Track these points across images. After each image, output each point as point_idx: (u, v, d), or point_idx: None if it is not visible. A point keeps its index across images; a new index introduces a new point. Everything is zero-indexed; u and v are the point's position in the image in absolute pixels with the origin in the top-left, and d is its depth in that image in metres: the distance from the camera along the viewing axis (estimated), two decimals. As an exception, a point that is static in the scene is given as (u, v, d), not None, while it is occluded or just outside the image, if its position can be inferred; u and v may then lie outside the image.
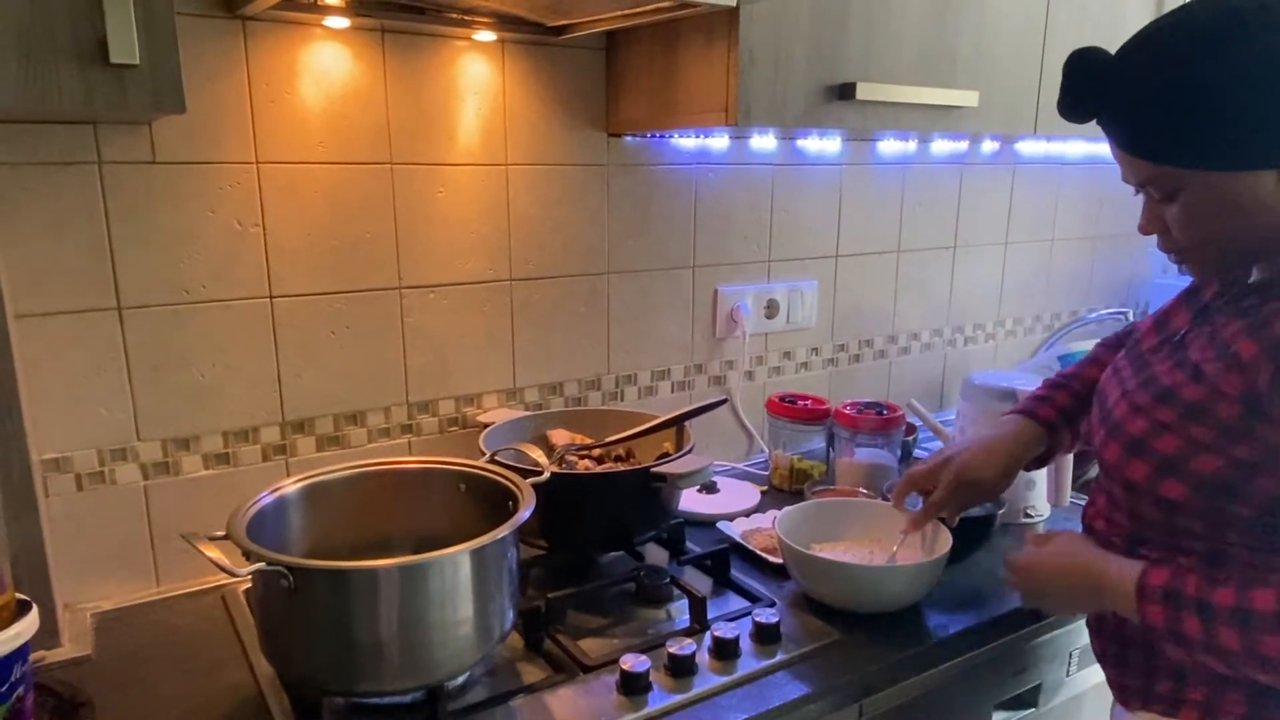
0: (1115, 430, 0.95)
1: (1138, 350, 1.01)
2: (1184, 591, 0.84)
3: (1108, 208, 2.27)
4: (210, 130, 1.14)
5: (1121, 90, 0.85)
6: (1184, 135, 0.83)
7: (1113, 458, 0.94)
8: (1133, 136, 0.87)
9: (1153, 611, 0.86)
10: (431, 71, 1.28)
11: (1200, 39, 0.81)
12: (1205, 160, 0.83)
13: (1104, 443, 0.97)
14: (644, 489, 1.17)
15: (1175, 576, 0.86)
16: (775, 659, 1.04)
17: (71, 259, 1.09)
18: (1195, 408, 0.87)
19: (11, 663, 0.82)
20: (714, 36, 1.17)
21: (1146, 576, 0.87)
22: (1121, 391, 0.97)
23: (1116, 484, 0.95)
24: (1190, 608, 0.83)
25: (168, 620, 1.14)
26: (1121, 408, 0.95)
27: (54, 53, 0.77)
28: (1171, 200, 0.87)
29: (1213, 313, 0.93)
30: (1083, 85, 0.88)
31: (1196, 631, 0.83)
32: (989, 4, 1.39)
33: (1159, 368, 0.94)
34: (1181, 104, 0.82)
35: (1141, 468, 0.91)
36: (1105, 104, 0.87)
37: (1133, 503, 0.93)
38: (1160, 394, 0.91)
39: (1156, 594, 0.86)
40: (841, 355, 1.86)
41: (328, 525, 1.08)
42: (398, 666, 0.89)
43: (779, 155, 1.65)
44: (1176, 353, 0.93)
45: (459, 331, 1.38)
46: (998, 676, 1.21)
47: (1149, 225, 0.92)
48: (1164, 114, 0.83)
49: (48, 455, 1.11)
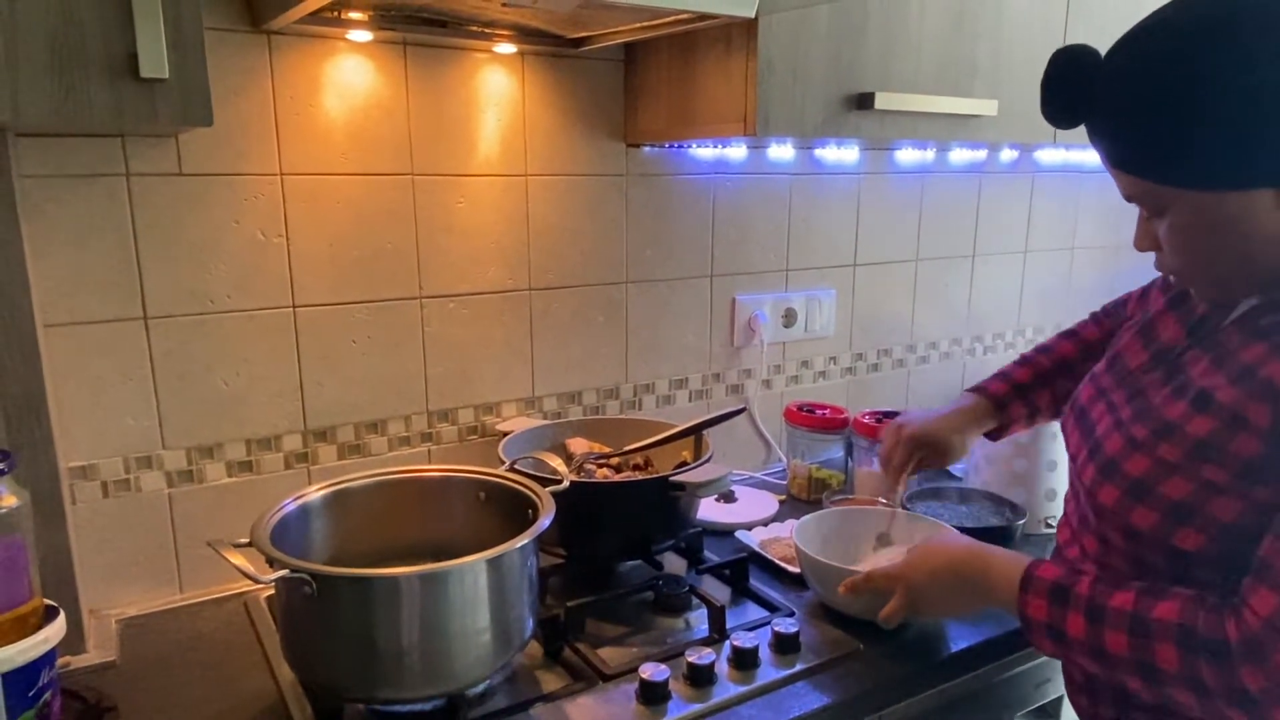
0: (1109, 469, 0.86)
1: (1123, 367, 0.94)
2: (1074, 590, 0.82)
3: (1128, 216, 2.23)
4: (235, 142, 1.16)
5: (1104, 96, 0.77)
6: (1164, 149, 0.75)
7: (1110, 501, 0.86)
8: (1114, 147, 0.79)
9: (1034, 605, 0.84)
10: (452, 84, 1.29)
11: (1180, 41, 0.72)
12: (1189, 179, 0.75)
13: (1096, 483, 0.88)
14: (663, 498, 1.17)
15: (1067, 575, 0.84)
16: (795, 669, 1.03)
17: (99, 269, 1.11)
18: (1205, 444, 0.79)
19: (39, 668, 0.84)
20: (733, 47, 1.18)
21: (1035, 568, 0.86)
22: (1114, 420, 0.89)
23: (1114, 530, 0.87)
24: (1079, 607, 0.81)
25: (191, 626, 1.15)
26: (1115, 441, 0.87)
27: (85, 67, 0.79)
28: (1160, 217, 0.80)
29: (1215, 331, 0.86)
30: (1066, 88, 0.80)
31: (1080, 631, 0.81)
32: (1007, 13, 1.39)
33: (1155, 396, 0.86)
34: (1162, 114, 0.73)
35: (1148, 515, 0.82)
36: (1091, 110, 0.80)
37: (1136, 550, 0.86)
38: (1161, 428, 0.83)
39: (1043, 587, 0.84)
40: (860, 364, 1.86)
41: (349, 533, 1.09)
42: (419, 674, 0.90)
43: (797, 165, 1.65)
44: (1174, 376, 0.86)
45: (478, 341, 1.39)
46: (1019, 688, 1.20)
47: (1142, 242, 0.86)
48: (1143, 125, 0.75)
49: (74, 463, 1.13)
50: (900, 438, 1.20)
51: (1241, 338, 0.82)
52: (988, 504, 1.37)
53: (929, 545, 1.01)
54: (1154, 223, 0.83)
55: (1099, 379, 0.98)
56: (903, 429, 1.21)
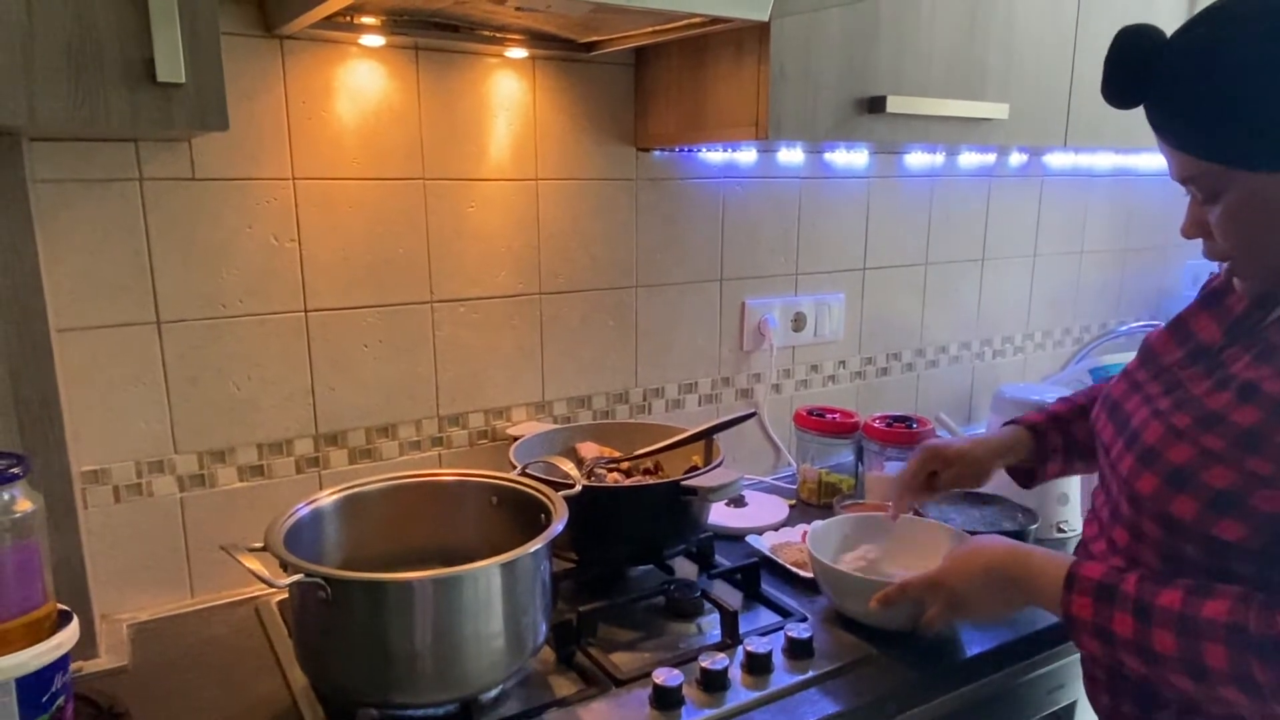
0: (1149, 457, 0.85)
1: (1159, 363, 0.94)
2: (1121, 589, 0.81)
3: (1137, 220, 2.25)
4: (248, 147, 1.16)
5: (1166, 76, 0.78)
6: (1226, 129, 0.75)
7: (1148, 490, 0.85)
8: (1173, 127, 0.79)
9: (1080, 603, 0.83)
10: (464, 88, 1.29)
11: (1245, 24, 0.74)
12: (1250, 159, 0.75)
13: (1134, 472, 0.87)
14: (674, 502, 1.17)
15: (1112, 573, 0.83)
16: (808, 674, 1.03)
17: (112, 274, 1.11)
18: (1251, 434, 0.78)
19: (53, 672, 0.84)
20: (744, 51, 1.18)
21: (1079, 567, 0.85)
22: (1152, 410, 0.89)
23: (1151, 520, 0.86)
24: (1126, 606, 0.80)
25: (203, 631, 1.15)
26: (1154, 430, 0.86)
27: (102, 72, 0.79)
28: (1215, 202, 0.80)
29: (1256, 329, 0.86)
30: (1128, 68, 0.81)
31: (1128, 630, 0.80)
32: (1018, 16, 1.39)
33: (1196, 388, 0.86)
34: (1222, 95, 0.74)
35: (1189, 504, 0.81)
36: (1150, 90, 0.80)
37: (1172, 541, 0.85)
38: (1205, 417, 0.82)
39: (1088, 586, 0.83)
40: (869, 368, 1.85)
41: (362, 537, 1.08)
42: (432, 678, 0.90)
43: (806, 168, 1.65)
44: (1214, 372, 0.86)
45: (489, 345, 1.39)
46: (1033, 693, 1.20)
47: (1191, 229, 0.85)
48: (1205, 104, 0.76)
49: (87, 467, 1.13)
50: (918, 450, 1.20)
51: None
52: (1001, 508, 1.37)
53: (967, 548, 0.99)
54: (1206, 209, 0.82)
55: (1132, 374, 0.98)
56: (926, 445, 1.20)
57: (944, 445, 1.19)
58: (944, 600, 0.99)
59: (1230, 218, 0.80)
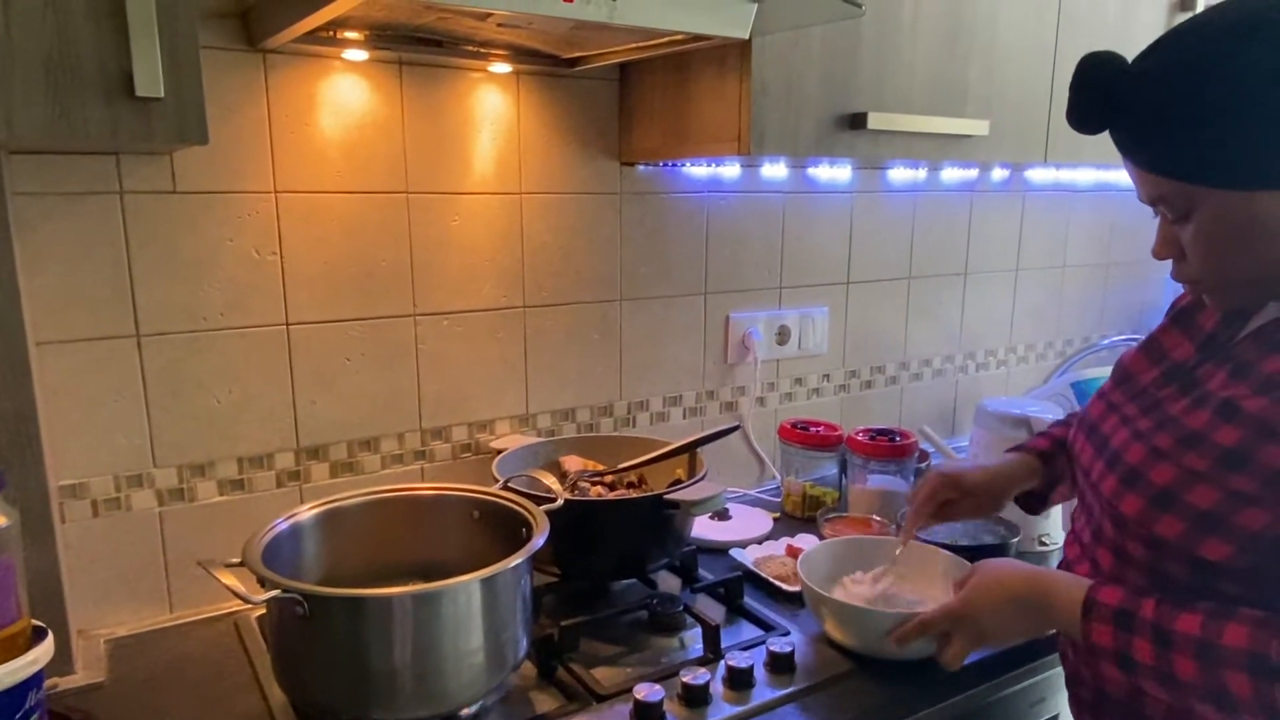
0: (1132, 478, 0.85)
1: (1135, 384, 0.94)
2: (1139, 615, 0.80)
3: (1119, 234, 2.27)
4: (230, 160, 1.16)
5: (1134, 98, 0.78)
6: (1194, 148, 0.76)
7: (1133, 511, 0.85)
8: (1141, 148, 0.80)
9: (1100, 631, 0.82)
10: (448, 102, 1.30)
11: (1213, 43, 0.74)
12: (1218, 177, 0.76)
13: (1117, 493, 0.87)
14: (657, 516, 1.16)
15: (1130, 598, 0.82)
16: (790, 689, 1.03)
17: (92, 287, 1.10)
18: (1233, 454, 0.78)
19: (27, 689, 0.82)
20: (726, 67, 1.19)
21: (1096, 592, 0.83)
22: (1132, 431, 0.88)
23: (1135, 541, 0.86)
24: (1145, 632, 0.79)
25: (181, 647, 1.14)
26: (1136, 451, 0.86)
27: (80, 86, 0.79)
28: (1186, 221, 0.80)
29: (1228, 345, 0.87)
30: (1093, 92, 0.81)
31: (1148, 657, 0.79)
32: (999, 34, 1.40)
33: (1173, 407, 0.86)
34: (1192, 114, 0.75)
35: (1174, 524, 0.81)
36: (1118, 113, 0.80)
37: (1158, 562, 0.85)
38: (1186, 437, 0.82)
39: (1107, 613, 0.82)
40: (853, 381, 1.86)
41: (342, 552, 1.08)
42: (411, 694, 0.89)
43: (790, 183, 1.66)
44: (1190, 390, 0.86)
45: (473, 358, 1.39)
46: (1015, 707, 1.20)
47: (1162, 249, 0.85)
48: (1173, 124, 0.76)
49: (65, 481, 1.12)
50: (927, 476, 1.17)
51: (1260, 350, 0.82)
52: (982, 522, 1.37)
53: (985, 578, 0.96)
54: (1177, 228, 0.82)
55: (1108, 396, 0.97)
56: (938, 471, 1.17)
57: (960, 474, 1.15)
58: (968, 634, 0.96)
59: (1202, 236, 0.80)
